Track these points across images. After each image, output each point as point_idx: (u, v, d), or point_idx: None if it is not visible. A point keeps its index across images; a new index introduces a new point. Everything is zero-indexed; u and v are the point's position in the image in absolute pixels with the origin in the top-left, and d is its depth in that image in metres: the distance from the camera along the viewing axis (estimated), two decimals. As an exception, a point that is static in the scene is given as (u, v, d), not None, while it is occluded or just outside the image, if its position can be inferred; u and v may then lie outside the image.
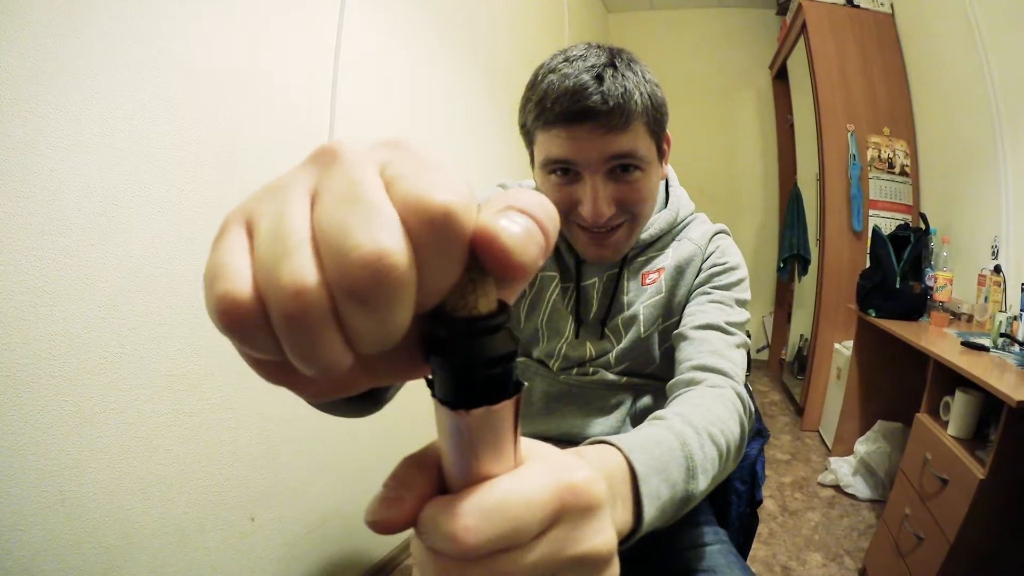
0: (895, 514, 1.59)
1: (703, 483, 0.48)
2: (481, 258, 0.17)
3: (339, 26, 1.37)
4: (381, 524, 0.21)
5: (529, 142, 0.73)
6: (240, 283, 0.16)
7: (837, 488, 2.22)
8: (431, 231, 0.16)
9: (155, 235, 0.99)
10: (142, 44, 0.95)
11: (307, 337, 0.15)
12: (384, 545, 1.72)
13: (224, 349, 1.13)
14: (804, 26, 2.78)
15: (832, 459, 2.33)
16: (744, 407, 0.60)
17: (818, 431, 2.79)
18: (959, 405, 1.41)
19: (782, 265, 3.60)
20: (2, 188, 0.77)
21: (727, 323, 0.70)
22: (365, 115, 1.49)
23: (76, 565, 0.89)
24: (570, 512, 0.22)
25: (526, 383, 0.17)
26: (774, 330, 3.90)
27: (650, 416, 0.54)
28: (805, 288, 3.35)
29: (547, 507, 0.21)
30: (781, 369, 3.65)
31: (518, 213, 0.18)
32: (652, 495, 0.41)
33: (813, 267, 3.17)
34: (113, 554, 0.94)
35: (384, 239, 0.15)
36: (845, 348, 2.51)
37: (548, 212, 0.19)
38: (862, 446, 2.16)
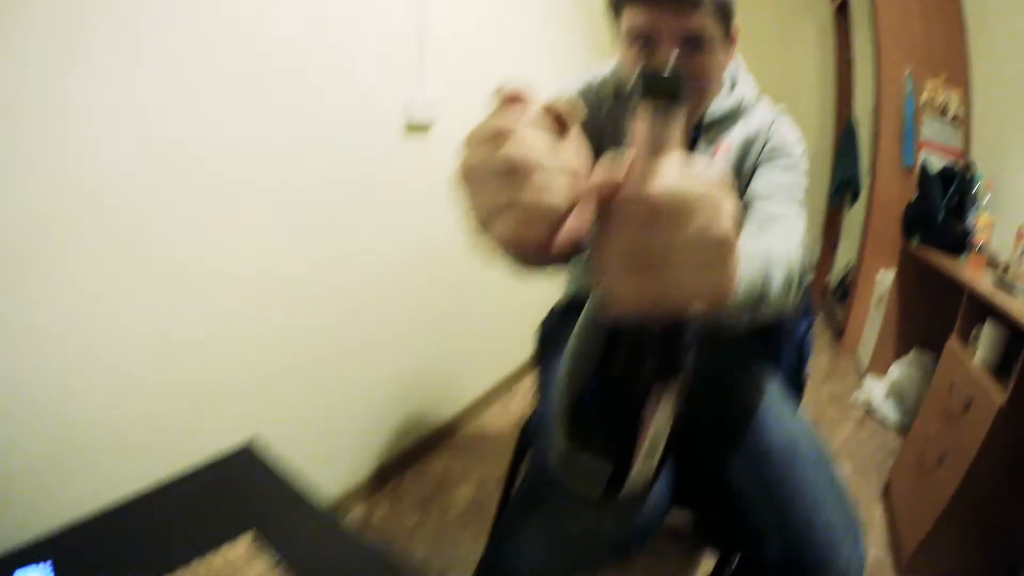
0: (920, 433, 1.67)
1: (775, 285, 0.52)
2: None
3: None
4: (608, 187, 0.28)
5: (616, 15, 0.80)
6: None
7: (868, 410, 2.32)
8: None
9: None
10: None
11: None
12: (451, 407, 1.97)
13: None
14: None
15: (867, 378, 2.43)
16: (798, 260, 0.63)
17: (856, 354, 2.87)
18: (988, 334, 1.47)
19: (834, 190, 3.57)
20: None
21: (791, 190, 0.80)
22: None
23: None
24: (714, 197, 0.27)
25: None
26: (821, 256, 3.91)
27: None
28: (853, 218, 3.37)
29: (704, 187, 0.27)
30: (824, 294, 3.68)
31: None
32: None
33: (863, 198, 3.22)
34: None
35: None
36: (888, 276, 2.54)
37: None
38: (896, 369, 2.24)
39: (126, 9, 0.85)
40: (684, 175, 0.27)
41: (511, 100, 0.30)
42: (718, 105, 0.87)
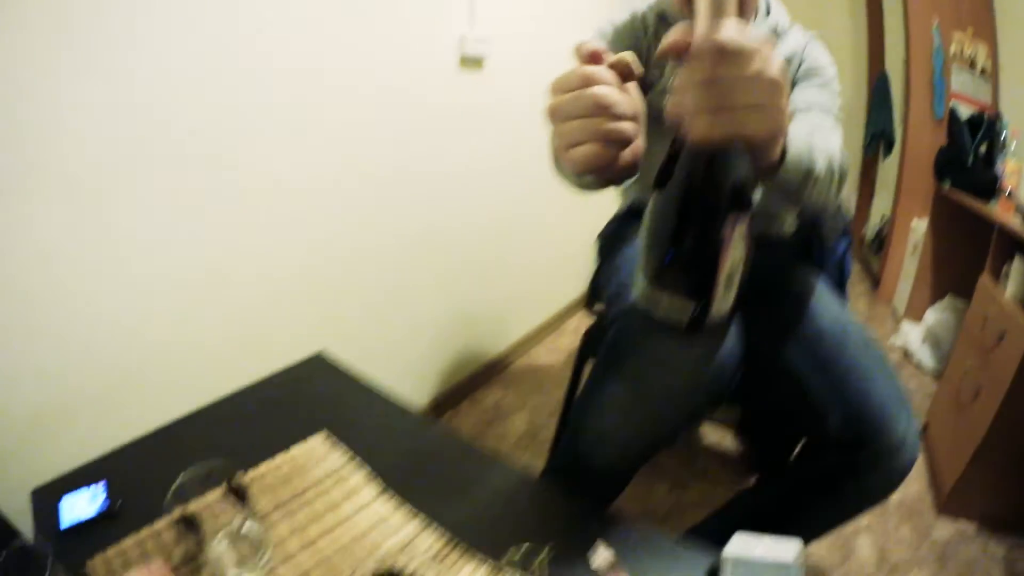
0: (956, 370, 1.69)
1: (819, 165, 0.57)
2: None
3: None
4: (683, 42, 0.36)
5: None
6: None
7: (905, 354, 2.34)
8: None
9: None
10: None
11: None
12: (502, 342, 2.07)
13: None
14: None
15: (904, 323, 2.44)
16: (839, 158, 0.65)
17: (892, 303, 2.88)
18: (1018, 269, 1.48)
19: (868, 142, 3.53)
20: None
21: (827, 106, 0.84)
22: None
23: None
24: (766, 49, 0.34)
25: None
26: (857, 209, 3.89)
27: None
28: (888, 170, 3.45)
29: (758, 41, 0.34)
30: (861, 245, 3.67)
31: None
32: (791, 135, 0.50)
33: (896, 150, 3.26)
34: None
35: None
36: (922, 225, 2.54)
37: None
38: (931, 314, 2.25)
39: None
40: (742, 32, 0.33)
41: (590, 56, 0.40)
42: (754, 30, 0.91)
